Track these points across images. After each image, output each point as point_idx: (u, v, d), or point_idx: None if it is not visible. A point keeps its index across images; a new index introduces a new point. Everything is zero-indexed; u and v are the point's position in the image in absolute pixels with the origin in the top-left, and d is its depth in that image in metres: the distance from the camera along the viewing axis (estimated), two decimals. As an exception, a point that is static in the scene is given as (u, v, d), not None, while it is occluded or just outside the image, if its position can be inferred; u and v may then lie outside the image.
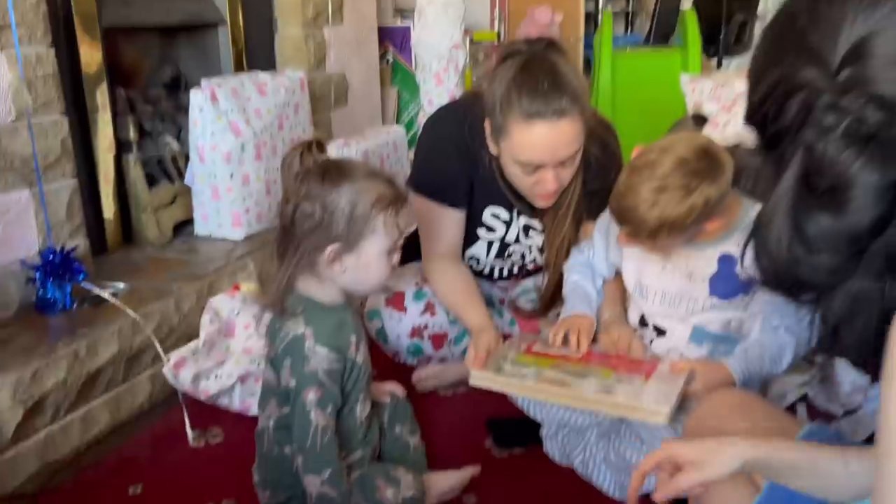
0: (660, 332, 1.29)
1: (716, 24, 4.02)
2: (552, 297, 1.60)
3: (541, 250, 1.61)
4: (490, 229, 1.58)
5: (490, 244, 1.59)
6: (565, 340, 1.30)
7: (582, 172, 1.42)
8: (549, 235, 1.54)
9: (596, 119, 1.44)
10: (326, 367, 1.08)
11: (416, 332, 1.57)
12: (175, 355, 1.53)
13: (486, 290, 1.74)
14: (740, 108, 2.11)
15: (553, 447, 1.37)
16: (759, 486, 0.94)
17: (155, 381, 1.56)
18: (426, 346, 1.59)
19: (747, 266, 0.65)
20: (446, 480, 1.25)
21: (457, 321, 1.55)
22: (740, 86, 2.34)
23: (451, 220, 1.52)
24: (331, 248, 1.08)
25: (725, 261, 1.20)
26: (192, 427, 1.47)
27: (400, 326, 1.57)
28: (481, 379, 1.25)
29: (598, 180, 1.42)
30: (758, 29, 4.70)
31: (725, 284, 1.21)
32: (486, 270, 1.66)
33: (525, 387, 1.22)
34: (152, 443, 1.49)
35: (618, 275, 1.37)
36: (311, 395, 1.07)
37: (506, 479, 1.34)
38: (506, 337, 1.64)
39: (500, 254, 1.62)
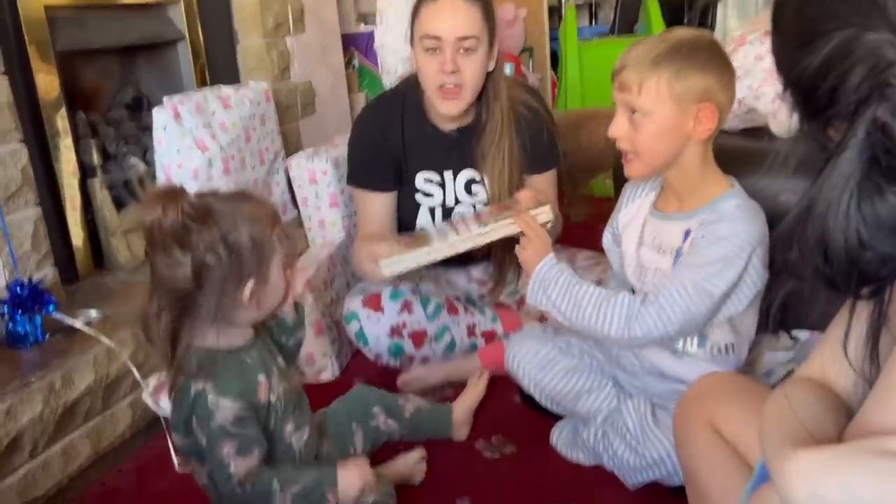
0: None
1: (678, 9, 4.04)
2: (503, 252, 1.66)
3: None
4: (427, 195, 1.66)
5: (432, 210, 1.67)
6: None
7: (513, 126, 1.58)
8: (490, 185, 1.61)
9: (518, 84, 1.65)
10: (233, 418, 1.02)
11: (396, 331, 1.56)
12: (154, 380, 1.50)
13: (463, 287, 1.73)
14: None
15: (559, 440, 1.40)
16: (752, 468, 0.93)
17: (135, 408, 1.53)
18: (407, 346, 1.58)
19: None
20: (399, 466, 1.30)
21: (434, 317, 1.58)
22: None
23: (378, 205, 1.64)
24: (248, 287, 1.02)
25: (688, 236, 1.19)
26: (178, 453, 1.45)
27: (378, 327, 1.55)
28: (390, 265, 1.38)
29: (530, 132, 1.60)
30: (721, 12, 4.71)
31: None
32: None
33: (432, 249, 1.38)
34: (137, 471, 1.46)
35: None
36: (226, 449, 1.01)
37: (497, 480, 1.32)
38: (487, 335, 1.64)
39: (446, 219, 1.66)
